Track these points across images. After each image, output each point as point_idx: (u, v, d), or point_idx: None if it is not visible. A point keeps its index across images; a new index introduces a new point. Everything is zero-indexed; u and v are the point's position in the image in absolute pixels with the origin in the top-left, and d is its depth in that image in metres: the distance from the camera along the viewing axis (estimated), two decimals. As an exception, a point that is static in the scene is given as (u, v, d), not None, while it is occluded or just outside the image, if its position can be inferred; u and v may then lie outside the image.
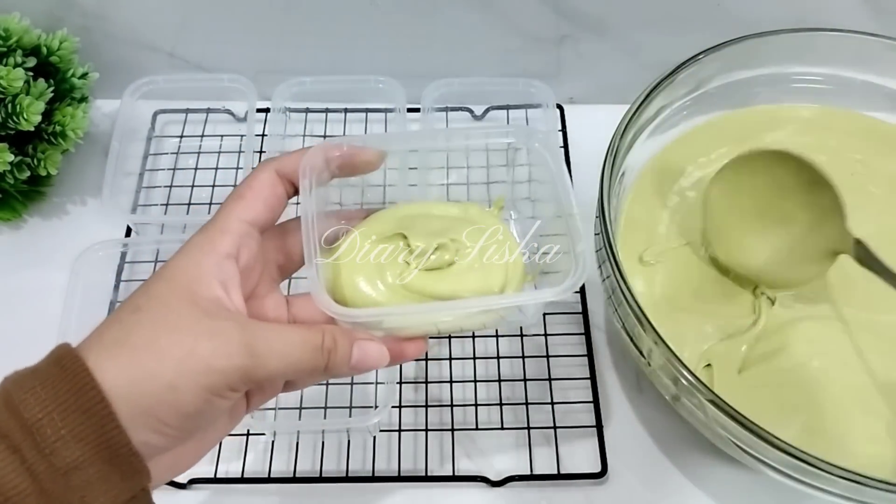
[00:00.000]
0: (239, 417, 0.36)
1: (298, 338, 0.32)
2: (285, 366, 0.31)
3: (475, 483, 0.50)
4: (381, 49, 0.65)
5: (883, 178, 0.56)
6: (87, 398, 0.28)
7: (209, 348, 0.30)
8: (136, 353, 0.29)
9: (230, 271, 0.33)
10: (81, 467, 0.28)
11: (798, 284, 0.50)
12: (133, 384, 0.29)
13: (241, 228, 0.34)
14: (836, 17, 0.59)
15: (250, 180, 0.35)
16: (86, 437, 0.28)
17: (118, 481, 0.29)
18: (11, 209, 0.61)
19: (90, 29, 0.63)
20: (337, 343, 0.33)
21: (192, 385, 0.29)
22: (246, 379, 0.30)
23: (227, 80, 0.63)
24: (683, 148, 0.57)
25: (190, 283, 0.32)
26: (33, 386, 0.28)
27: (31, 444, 0.27)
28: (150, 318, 0.31)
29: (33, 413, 0.27)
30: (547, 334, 0.55)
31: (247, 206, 0.34)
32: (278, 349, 0.31)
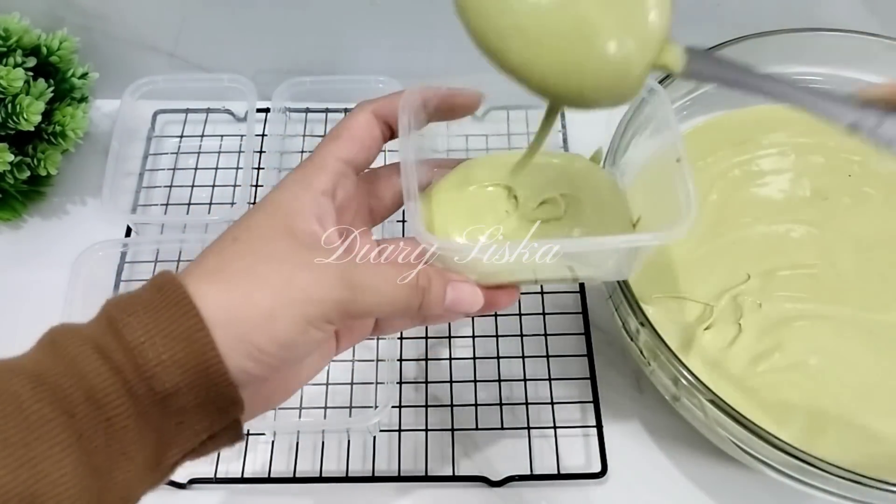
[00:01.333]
0: (328, 357, 0.36)
1: (394, 274, 0.32)
2: (381, 301, 0.32)
3: (475, 483, 0.50)
4: (381, 49, 0.65)
5: (880, 179, 0.56)
6: (187, 326, 0.28)
7: (308, 279, 0.30)
8: (234, 280, 0.30)
9: (326, 207, 0.33)
10: (179, 393, 0.28)
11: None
12: (231, 310, 0.29)
13: (338, 167, 0.34)
14: (836, 17, 0.59)
15: (347, 121, 0.35)
16: (185, 364, 0.28)
17: (213, 410, 0.29)
18: (11, 209, 0.61)
19: (90, 29, 0.63)
20: (431, 282, 0.33)
21: (290, 314, 0.29)
22: (343, 312, 0.30)
23: (227, 80, 0.63)
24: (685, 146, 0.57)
25: (287, 215, 0.32)
26: (136, 310, 0.28)
27: (133, 366, 0.27)
28: (249, 247, 0.31)
29: (136, 336, 0.28)
30: (547, 334, 0.55)
31: (343, 145, 0.35)
32: (374, 284, 0.31)
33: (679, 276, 0.52)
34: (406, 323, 0.39)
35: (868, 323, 0.50)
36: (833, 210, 0.54)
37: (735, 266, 0.52)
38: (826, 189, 0.55)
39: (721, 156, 0.57)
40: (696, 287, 0.51)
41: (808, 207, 0.55)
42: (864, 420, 0.46)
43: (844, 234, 0.53)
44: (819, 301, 0.51)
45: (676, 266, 0.52)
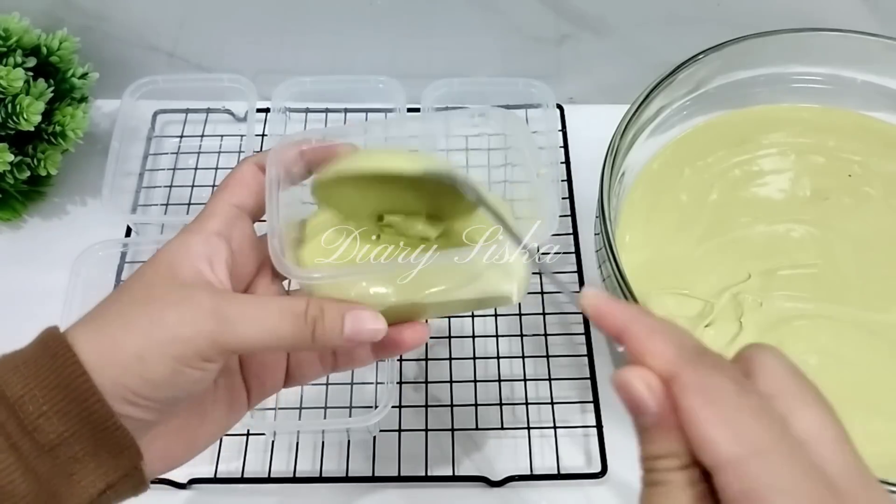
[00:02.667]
0: (239, 410, 0.36)
1: (277, 304, 0.31)
2: (261, 332, 0.30)
3: (475, 483, 0.50)
4: (381, 49, 0.65)
5: (880, 179, 0.56)
6: (67, 373, 0.28)
7: (175, 316, 0.29)
8: (106, 325, 0.29)
9: (217, 247, 0.33)
10: (67, 443, 0.28)
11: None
12: (102, 355, 0.28)
13: (229, 210, 0.34)
14: (836, 17, 0.59)
15: (233, 173, 0.35)
16: (68, 412, 0.28)
17: (107, 457, 0.29)
18: (11, 209, 0.61)
19: (90, 29, 0.63)
20: (324, 311, 0.31)
21: (159, 354, 0.29)
22: (216, 346, 0.29)
23: (227, 80, 0.63)
24: (683, 148, 0.57)
25: (172, 259, 0.32)
26: (16, 365, 0.28)
27: (15, 421, 0.27)
28: (129, 293, 0.31)
29: (15, 391, 0.28)
30: (547, 334, 0.55)
31: (232, 192, 0.35)
32: (252, 315, 0.30)
33: (680, 273, 0.52)
34: (314, 368, 0.37)
35: (868, 323, 0.50)
36: (833, 210, 0.55)
37: (736, 265, 0.52)
38: (826, 189, 0.55)
39: (721, 156, 0.57)
40: (697, 285, 0.51)
41: (808, 207, 0.55)
42: (865, 420, 0.46)
43: (844, 234, 0.53)
44: (819, 300, 0.51)
45: (677, 263, 0.53)
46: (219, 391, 0.35)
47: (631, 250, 0.52)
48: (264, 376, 0.36)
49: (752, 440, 0.23)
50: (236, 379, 0.35)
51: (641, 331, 0.26)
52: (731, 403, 0.23)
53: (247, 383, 0.36)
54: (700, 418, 0.23)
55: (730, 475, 0.22)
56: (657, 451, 0.24)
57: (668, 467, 0.24)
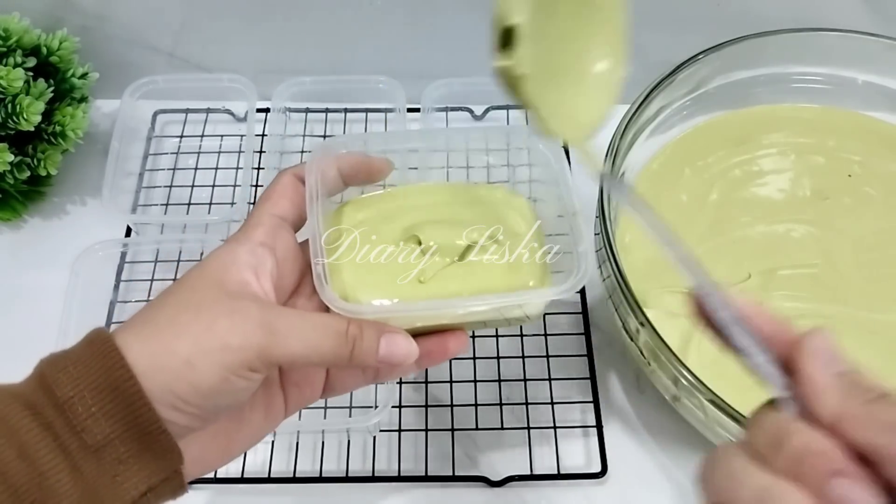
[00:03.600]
0: (276, 418, 0.36)
1: (321, 321, 0.32)
2: (305, 347, 0.31)
3: (475, 483, 0.50)
4: (381, 49, 0.65)
5: (881, 179, 0.56)
6: (115, 376, 0.28)
7: (226, 325, 0.30)
8: (157, 330, 0.30)
9: (263, 257, 0.34)
10: (112, 444, 0.28)
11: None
12: (153, 360, 0.29)
13: (273, 221, 0.35)
14: (836, 17, 0.59)
15: (273, 184, 0.37)
16: (115, 414, 0.28)
17: (150, 460, 0.29)
18: (11, 209, 0.61)
19: (90, 29, 0.63)
20: (363, 332, 0.32)
21: (209, 361, 0.29)
22: (263, 358, 0.30)
23: (227, 80, 0.63)
24: (683, 148, 0.57)
25: (220, 268, 0.33)
26: (66, 366, 0.29)
27: (64, 421, 0.28)
28: (177, 299, 0.32)
29: (65, 391, 0.28)
30: (547, 334, 0.55)
31: (274, 203, 0.36)
32: (298, 330, 0.31)
33: (675, 276, 0.52)
34: (356, 380, 0.38)
35: (869, 322, 0.50)
36: (833, 210, 0.55)
37: (735, 265, 0.52)
38: (826, 189, 0.55)
39: (721, 155, 0.57)
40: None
41: (808, 207, 0.55)
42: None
43: (844, 234, 0.53)
44: (819, 300, 0.51)
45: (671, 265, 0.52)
46: (257, 398, 0.35)
47: (631, 250, 0.52)
48: (304, 385, 0.37)
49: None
50: (274, 387, 0.36)
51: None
52: None
53: (285, 392, 0.36)
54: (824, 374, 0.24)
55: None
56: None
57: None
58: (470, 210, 0.40)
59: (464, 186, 0.41)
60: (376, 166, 0.39)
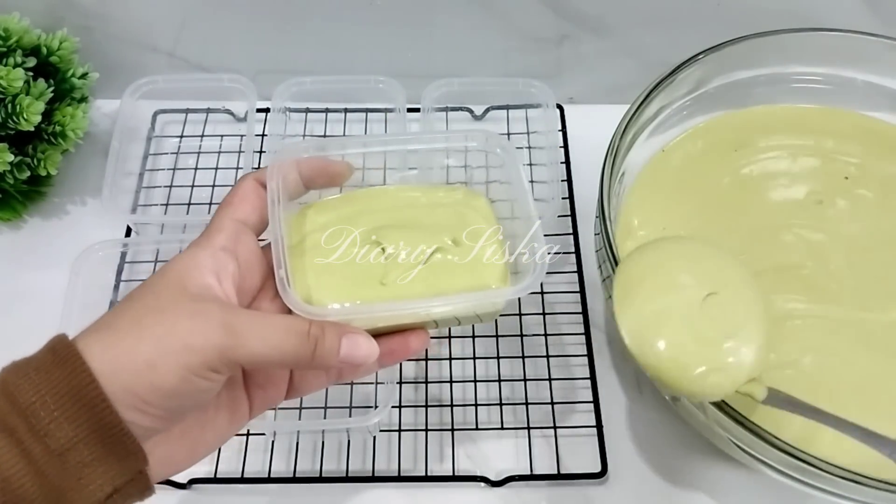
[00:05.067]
0: (240, 419, 0.36)
1: (283, 322, 0.32)
2: (267, 348, 0.31)
3: (475, 483, 0.50)
4: (381, 49, 0.65)
5: (877, 180, 0.56)
6: (77, 380, 0.29)
7: (188, 326, 0.30)
8: (119, 334, 0.30)
9: (224, 262, 0.34)
10: (76, 448, 0.29)
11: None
12: (114, 362, 0.29)
13: (233, 226, 0.36)
14: (836, 17, 0.59)
15: (234, 189, 0.37)
16: (78, 418, 0.28)
17: (114, 462, 0.30)
18: (11, 209, 0.61)
19: (90, 29, 0.63)
20: (325, 332, 0.33)
21: (170, 362, 0.30)
22: (225, 358, 0.31)
23: (227, 80, 0.63)
24: (683, 148, 0.57)
25: (182, 272, 0.33)
26: (27, 372, 0.29)
27: (26, 426, 0.28)
28: (139, 303, 0.32)
29: (27, 397, 0.28)
30: (547, 334, 0.55)
31: (235, 208, 0.36)
32: (259, 331, 0.31)
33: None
34: (320, 380, 0.39)
35: (863, 323, 0.50)
36: (829, 212, 0.55)
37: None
38: (822, 191, 0.55)
39: (719, 157, 0.57)
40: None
41: (803, 209, 0.55)
42: (862, 420, 0.46)
43: (839, 236, 0.53)
44: (812, 301, 0.51)
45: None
46: (221, 401, 0.35)
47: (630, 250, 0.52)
48: (268, 387, 0.37)
49: None
50: (238, 389, 0.36)
51: None
52: None
53: (249, 394, 0.37)
54: None
55: None
56: None
57: None
58: (431, 211, 0.40)
59: (424, 188, 0.42)
60: (337, 170, 0.39)
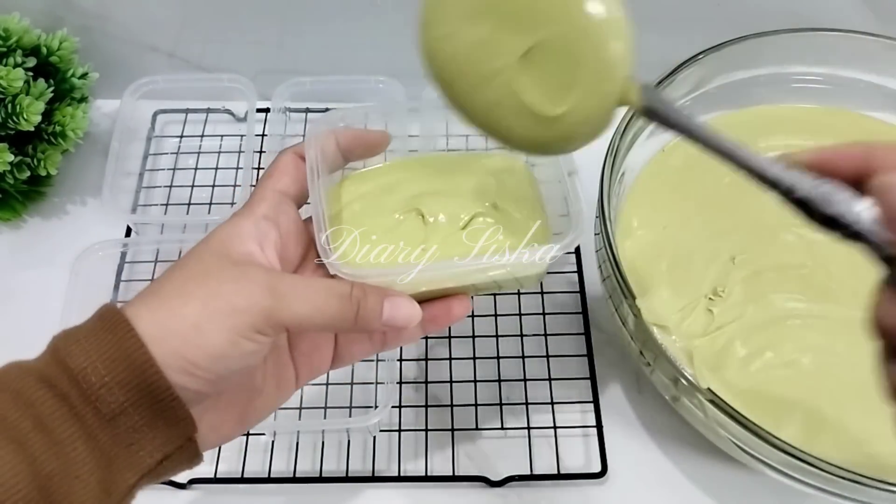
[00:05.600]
0: (287, 388, 0.37)
1: (326, 285, 0.33)
2: (311, 310, 0.32)
3: (475, 483, 0.50)
4: (381, 49, 0.65)
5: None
6: (126, 346, 0.29)
7: (233, 289, 0.31)
8: (165, 299, 0.31)
9: (266, 230, 0.35)
10: (126, 413, 0.29)
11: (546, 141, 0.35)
12: (162, 326, 0.30)
13: (275, 196, 0.36)
14: (836, 17, 0.59)
15: (274, 162, 0.37)
16: (128, 383, 0.29)
17: (163, 427, 0.30)
18: (11, 209, 0.61)
19: (90, 29, 0.63)
20: (367, 295, 0.33)
21: (217, 325, 0.30)
22: (270, 320, 0.31)
23: (227, 80, 0.63)
24: (683, 148, 0.57)
25: (224, 240, 0.33)
26: (78, 339, 0.29)
27: (78, 391, 0.28)
28: (184, 270, 0.32)
29: (78, 362, 0.29)
30: (547, 334, 0.55)
31: (276, 179, 0.37)
32: (303, 293, 0.32)
33: (672, 274, 0.52)
34: (364, 347, 0.39)
35: (861, 322, 0.50)
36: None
37: (731, 265, 0.52)
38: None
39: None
40: (693, 284, 0.51)
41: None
42: (862, 419, 0.46)
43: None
44: (812, 301, 0.51)
45: (675, 262, 0.52)
46: (268, 368, 0.36)
47: (631, 250, 0.52)
48: (313, 355, 0.37)
49: None
50: (284, 357, 0.37)
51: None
52: None
53: (295, 362, 0.37)
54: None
55: None
56: None
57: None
58: (470, 177, 0.40)
59: (462, 155, 0.42)
60: (374, 139, 0.39)
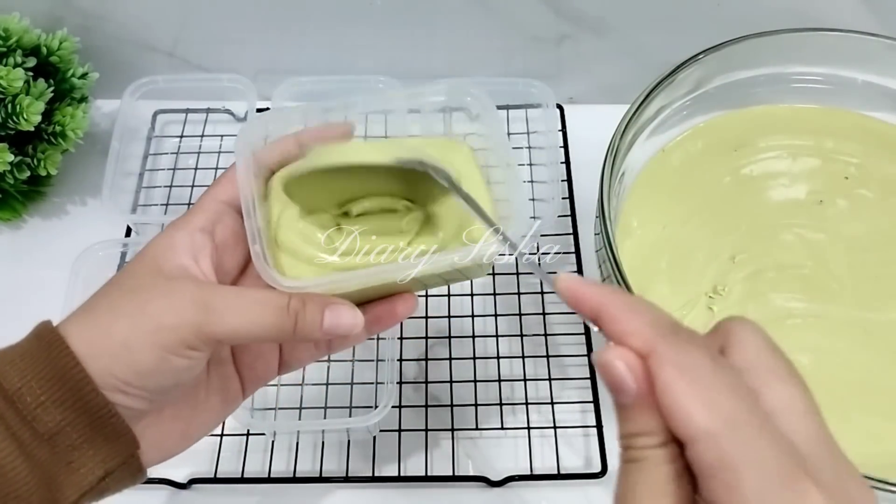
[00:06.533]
0: (234, 400, 0.36)
1: (261, 296, 0.32)
2: (245, 322, 0.31)
3: (475, 483, 0.50)
4: (381, 49, 0.65)
5: (877, 180, 0.56)
6: (61, 364, 0.29)
7: (160, 305, 0.30)
8: (96, 316, 0.31)
9: (201, 243, 0.34)
10: (64, 432, 0.29)
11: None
12: (92, 344, 0.30)
13: (216, 206, 0.35)
14: (836, 17, 0.59)
15: (225, 171, 0.36)
16: (64, 402, 0.29)
17: (103, 444, 0.30)
18: (11, 209, 0.61)
19: (90, 29, 0.63)
20: (305, 305, 0.32)
21: (145, 342, 0.30)
22: (201, 335, 0.30)
23: (227, 80, 0.63)
24: (683, 148, 0.57)
25: (158, 254, 0.33)
26: (13, 359, 0.29)
27: (14, 412, 0.28)
28: (116, 286, 0.32)
29: (13, 383, 0.29)
30: (547, 334, 0.55)
31: (222, 188, 0.36)
32: (236, 305, 0.31)
33: (672, 272, 0.52)
34: (310, 353, 0.38)
35: (862, 322, 0.50)
36: (829, 211, 0.55)
37: (731, 265, 0.52)
38: (822, 191, 0.55)
39: (720, 156, 0.57)
40: (689, 283, 0.51)
41: (803, 209, 0.55)
42: (862, 419, 0.46)
43: (838, 235, 0.53)
44: (812, 301, 0.51)
45: (669, 263, 0.52)
46: (211, 381, 0.35)
47: (630, 250, 0.52)
48: (257, 365, 0.37)
49: (724, 413, 0.23)
50: (228, 369, 0.36)
51: (617, 310, 0.26)
52: (706, 377, 0.24)
53: (240, 373, 0.36)
54: (676, 391, 0.24)
55: (702, 446, 0.23)
56: (635, 429, 0.25)
57: (645, 445, 0.24)
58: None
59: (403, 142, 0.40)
60: (341, 132, 0.38)
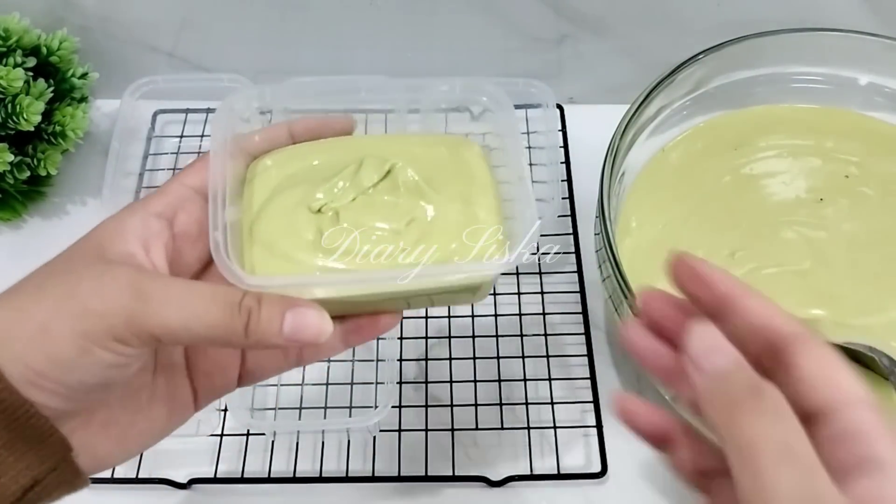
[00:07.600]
0: (183, 411, 0.32)
1: (209, 290, 0.27)
2: (186, 317, 0.26)
3: (475, 483, 0.50)
4: (381, 49, 0.65)
5: (878, 179, 0.56)
6: None
7: (90, 287, 0.26)
8: (18, 295, 0.27)
9: (156, 229, 0.30)
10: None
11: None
12: (6, 327, 0.26)
13: (181, 192, 0.31)
14: (836, 17, 0.59)
15: (205, 153, 0.32)
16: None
17: (26, 451, 0.26)
18: (11, 209, 0.61)
19: (90, 29, 0.63)
20: (262, 304, 0.27)
21: (66, 328, 0.26)
22: (133, 327, 0.26)
23: (227, 80, 0.63)
24: (683, 148, 0.57)
25: (103, 237, 0.29)
26: None
27: None
28: (49, 267, 0.29)
29: None
30: (547, 334, 0.55)
31: (194, 173, 0.32)
32: (178, 297, 0.27)
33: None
34: (278, 363, 0.33)
35: (862, 322, 0.50)
36: (829, 210, 0.55)
37: (732, 265, 0.52)
38: (822, 190, 0.55)
39: (720, 157, 0.57)
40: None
41: (804, 207, 0.55)
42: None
43: (839, 233, 0.53)
44: (812, 301, 0.51)
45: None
46: (157, 387, 0.31)
47: (630, 249, 0.52)
48: (214, 374, 0.32)
49: (861, 392, 0.25)
50: (179, 376, 0.32)
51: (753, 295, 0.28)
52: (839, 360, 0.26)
53: (193, 382, 0.32)
54: (833, 360, 0.25)
55: (850, 413, 0.24)
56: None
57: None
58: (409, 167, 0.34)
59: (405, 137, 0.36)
60: (340, 127, 0.35)
